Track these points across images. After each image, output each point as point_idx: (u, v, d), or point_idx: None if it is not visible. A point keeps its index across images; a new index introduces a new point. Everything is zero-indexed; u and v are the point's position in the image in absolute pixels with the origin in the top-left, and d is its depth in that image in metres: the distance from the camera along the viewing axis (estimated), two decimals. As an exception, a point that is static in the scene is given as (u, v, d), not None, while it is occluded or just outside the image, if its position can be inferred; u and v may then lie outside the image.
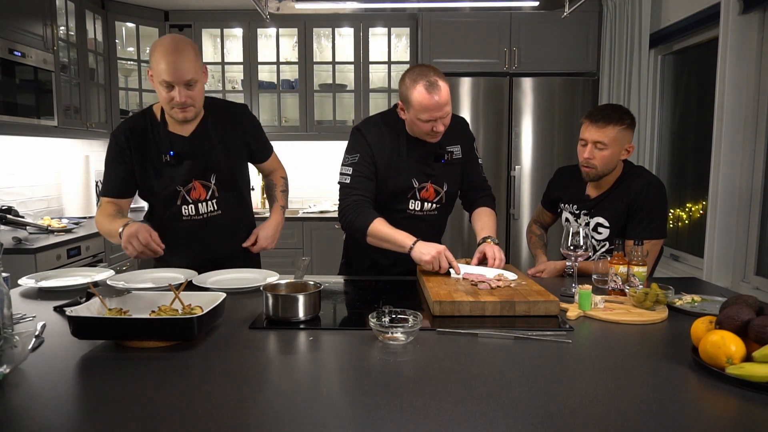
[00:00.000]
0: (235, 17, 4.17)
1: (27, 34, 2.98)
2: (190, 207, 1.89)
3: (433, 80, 1.73)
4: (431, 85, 1.72)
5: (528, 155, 3.76)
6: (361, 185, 1.87)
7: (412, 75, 1.77)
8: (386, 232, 1.79)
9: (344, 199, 1.89)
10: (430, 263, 1.69)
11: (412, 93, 1.75)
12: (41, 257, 2.72)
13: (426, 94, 1.72)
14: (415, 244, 1.74)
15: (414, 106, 1.76)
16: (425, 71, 1.76)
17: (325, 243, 4.01)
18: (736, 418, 0.91)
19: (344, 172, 1.90)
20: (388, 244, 1.80)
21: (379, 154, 1.89)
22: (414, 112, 1.77)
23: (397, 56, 4.30)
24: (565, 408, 0.91)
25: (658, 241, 1.91)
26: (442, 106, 1.74)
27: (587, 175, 1.93)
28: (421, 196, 1.93)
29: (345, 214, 1.87)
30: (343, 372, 1.10)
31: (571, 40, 3.76)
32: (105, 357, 1.15)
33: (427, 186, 1.93)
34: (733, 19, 2.51)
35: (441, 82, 1.74)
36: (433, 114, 1.75)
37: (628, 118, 1.88)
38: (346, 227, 1.89)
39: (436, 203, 1.96)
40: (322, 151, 4.59)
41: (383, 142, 1.89)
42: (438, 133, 1.81)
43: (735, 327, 1.07)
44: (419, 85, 1.73)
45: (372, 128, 1.92)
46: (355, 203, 1.85)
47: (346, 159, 1.92)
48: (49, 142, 3.73)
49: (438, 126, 1.78)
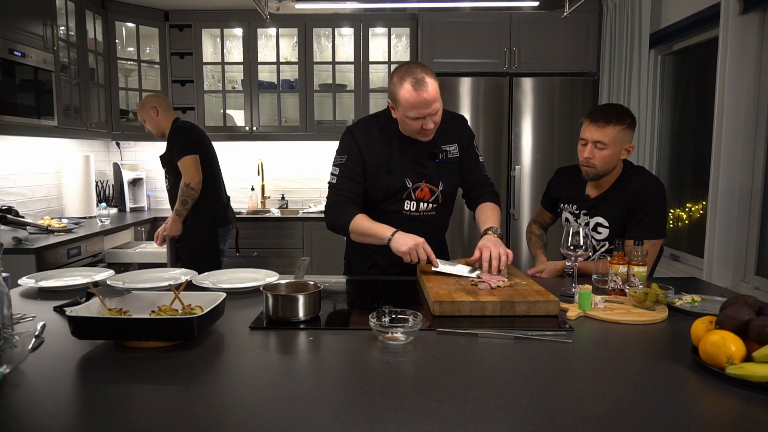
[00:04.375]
0: (235, 17, 4.17)
1: (27, 34, 2.98)
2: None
3: (420, 77, 1.71)
4: (418, 82, 1.71)
5: (528, 155, 3.76)
6: (345, 186, 1.88)
7: (399, 73, 1.76)
8: (366, 225, 1.80)
9: (328, 200, 1.92)
10: (407, 254, 1.69)
11: (399, 91, 1.74)
12: (41, 257, 2.72)
13: (413, 91, 1.71)
14: (393, 234, 1.73)
15: (402, 103, 1.75)
16: (412, 68, 1.74)
17: (325, 243, 4.01)
18: (736, 418, 0.91)
19: (332, 173, 1.93)
20: (370, 237, 1.80)
21: (368, 154, 1.88)
22: (402, 110, 1.76)
23: (397, 56, 4.29)
24: (565, 408, 0.91)
25: (658, 241, 1.91)
26: (430, 103, 1.73)
27: (587, 175, 1.93)
28: (416, 196, 1.91)
29: (328, 214, 1.90)
30: (343, 372, 1.10)
31: (571, 40, 3.76)
32: (105, 357, 1.15)
33: (421, 186, 1.91)
34: (733, 19, 2.51)
35: (428, 78, 1.73)
36: (421, 111, 1.73)
37: (629, 117, 1.87)
38: (331, 226, 1.90)
39: (432, 203, 1.94)
40: (322, 151, 4.59)
41: (373, 142, 1.89)
42: (429, 131, 1.80)
43: (735, 327, 1.07)
44: (406, 82, 1.72)
45: (363, 128, 1.92)
46: (336, 203, 1.88)
47: (335, 159, 1.94)
48: (49, 142, 3.73)
49: (428, 123, 1.77)
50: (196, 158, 3.04)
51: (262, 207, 4.52)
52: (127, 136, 4.23)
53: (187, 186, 3.02)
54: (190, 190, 3.03)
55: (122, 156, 4.61)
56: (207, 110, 4.30)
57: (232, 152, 4.59)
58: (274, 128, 4.29)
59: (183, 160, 3.02)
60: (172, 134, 3.11)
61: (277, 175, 4.64)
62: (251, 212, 4.31)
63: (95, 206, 3.90)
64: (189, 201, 3.05)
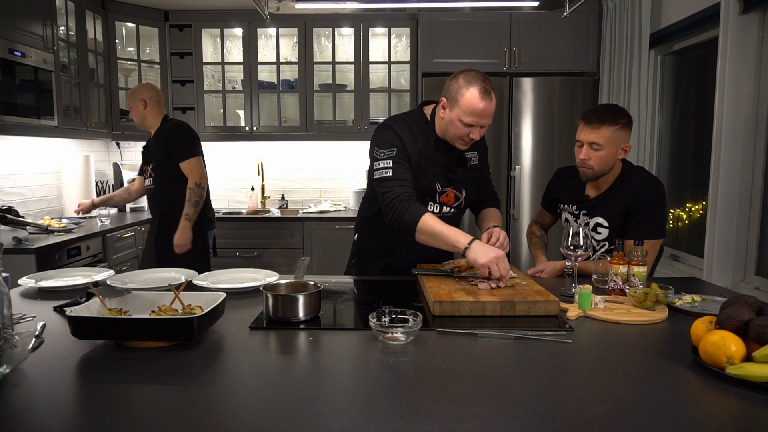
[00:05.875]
0: (235, 17, 4.17)
1: (27, 34, 2.98)
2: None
3: (488, 88, 1.73)
4: (486, 92, 1.72)
5: (528, 155, 3.76)
6: (406, 177, 1.79)
7: (468, 77, 1.74)
8: (438, 228, 1.69)
9: (390, 191, 1.77)
10: (486, 266, 1.58)
11: (464, 92, 1.72)
12: (41, 257, 2.72)
13: (479, 97, 1.71)
14: (471, 243, 1.63)
15: (461, 106, 1.73)
16: (483, 77, 1.74)
17: (325, 243, 4.02)
18: (736, 418, 0.91)
19: (384, 166, 1.80)
20: (440, 242, 1.70)
21: (411, 152, 1.85)
22: (459, 111, 1.74)
23: (397, 56, 4.30)
24: (565, 408, 0.91)
25: (658, 241, 1.91)
26: (489, 115, 1.75)
27: (584, 176, 1.93)
28: (440, 200, 1.91)
29: (394, 206, 1.75)
30: (343, 372, 1.10)
31: (571, 40, 3.76)
32: (105, 357, 1.15)
33: (448, 191, 1.91)
34: (733, 19, 2.51)
35: (493, 94, 1.74)
36: (478, 120, 1.74)
37: (624, 117, 1.87)
38: (393, 222, 1.76)
39: (454, 208, 1.94)
40: (322, 151, 4.59)
41: (414, 141, 1.86)
42: (471, 141, 1.80)
43: (735, 327, 1.07)
44: (474, 87, 1.71)
45: (403, 126, 1.88)
46: (405, 195, 1.75)
47: (382, 153, 1.83)
48: (49, 142, 3.73)
49: (474, 133, 1.77)
50: (201, 159, 2.98)
51: (262, 207, 4.52)
52: (127, 136, 4.23)
53: (198, 186, 2.92)
54: (201, 190, 2.93)
55: (122, 156, 4.61)
56: (207, 110, 4.30)
57: (232, 152, 4.59)
58: (274, 128, 4.29)
59: (190, 162, 2.93)
60: (171, 133, 2.97)
61: (277, 175, 4.64)
62: (251, 212, 4.31)
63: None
64: (199, 202, 2.95)
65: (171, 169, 2.96)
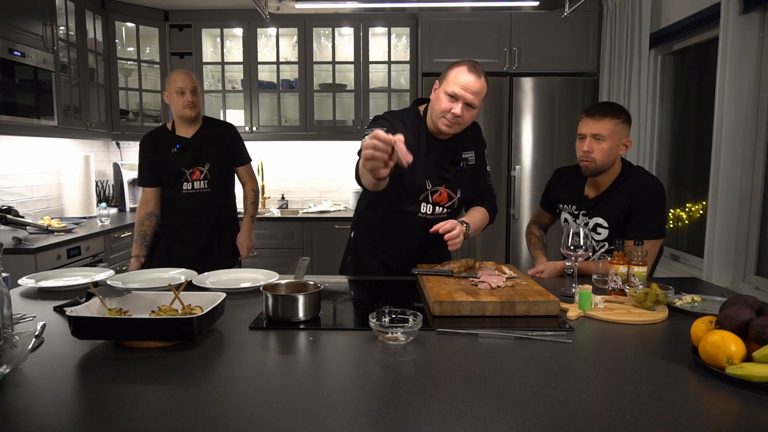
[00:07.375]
0: (235, 17, 4.17)
1: (27, 34, 2.98)
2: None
3: (479, 69, 1.78)
4: (475, 69, 1.77)
5: (528, 155, 3.76)
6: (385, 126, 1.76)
7: (461, 60, 1.81)
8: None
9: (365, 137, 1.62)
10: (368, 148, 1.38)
11: (452, 67, 1.78)
12: (41, 257, 2.72)
13: (466, 70, 1.76)
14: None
15: (448, 78, 1.78)
16: (476, 62, 1.80)
17: (325, 243, 4.02)
18: (736, 418, 0.91)
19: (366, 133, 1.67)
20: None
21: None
22: (445, 84, 1.78)
23: (397, 56, 4.29)
24: (565, 408, 0.92)
25: (658, 241, 1.91)
26: (473, 90, 1.75)
27: (586, 170, 1.92)
28: (433, 200, 1.91)
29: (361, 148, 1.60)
30: (343, 372, 1.10)
31: (571, 40, 3.76)
32: (105, 357, 1.15)
33: (440, 190, 1.91)
34: (733, 19, 2.51)
35: (483, 77, 1.78)
36: (462, 92, 1.75)
37: (624, 113, 1.90)
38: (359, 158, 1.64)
39: (447, 208, 1.94)
40: (322, 151, 4.59)
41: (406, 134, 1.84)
42: (456, 117, 1.78)
43: (735, 327, 1.07)
44: (464, 64, 1.77)
45: (396, 118, 1.90)
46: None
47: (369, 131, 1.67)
48: (49, 142, 3.73)
49: (457, 108, 1.76)
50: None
51: (262, 207, 4.51)
52: (127, 136, 4.22)
53: (257, 190, 2.91)
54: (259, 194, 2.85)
55: (122, 156, 4.61)
56: (207, 110, 4.30)
57: (232, 152, 4.59)
58: (274, 128, 4.29)
59: (250, 165, 2.86)
60: (235, 134, 2.81)
61: (277, 175, 4.63)
62: (251, 212, 4.30)
63: (95, 206, 3.90)
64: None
65: (227, 171, 2.78)
